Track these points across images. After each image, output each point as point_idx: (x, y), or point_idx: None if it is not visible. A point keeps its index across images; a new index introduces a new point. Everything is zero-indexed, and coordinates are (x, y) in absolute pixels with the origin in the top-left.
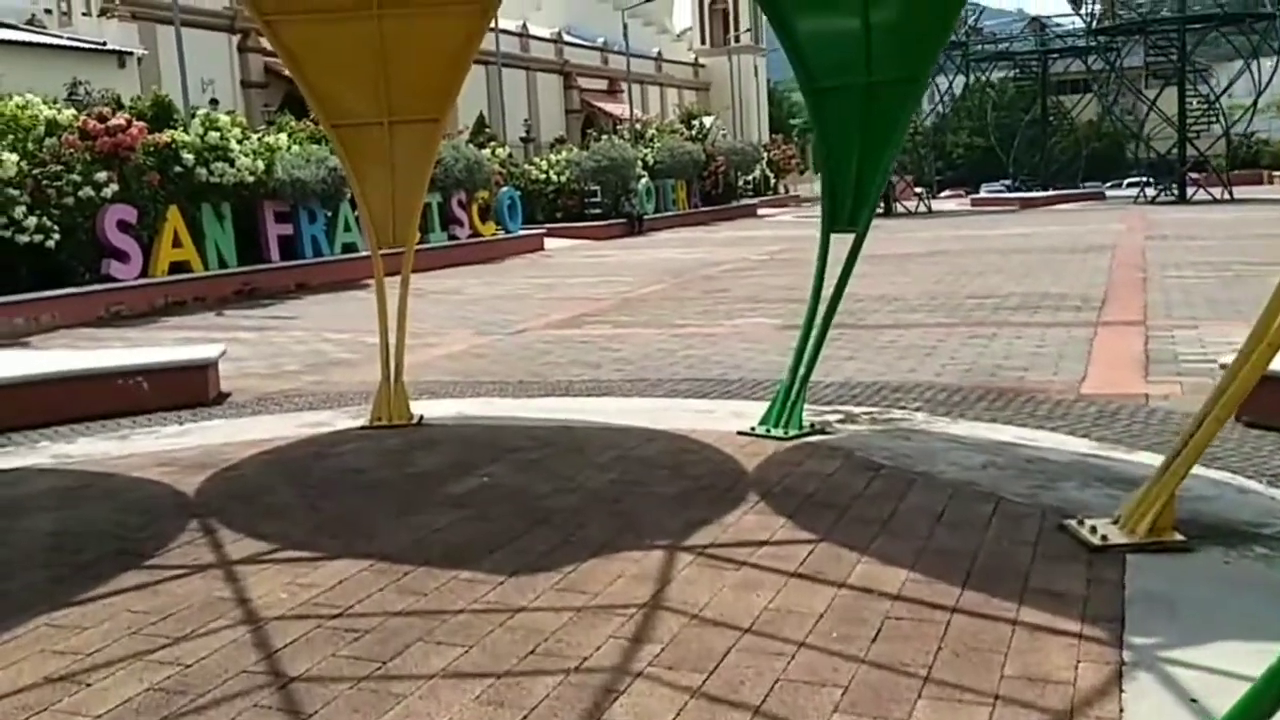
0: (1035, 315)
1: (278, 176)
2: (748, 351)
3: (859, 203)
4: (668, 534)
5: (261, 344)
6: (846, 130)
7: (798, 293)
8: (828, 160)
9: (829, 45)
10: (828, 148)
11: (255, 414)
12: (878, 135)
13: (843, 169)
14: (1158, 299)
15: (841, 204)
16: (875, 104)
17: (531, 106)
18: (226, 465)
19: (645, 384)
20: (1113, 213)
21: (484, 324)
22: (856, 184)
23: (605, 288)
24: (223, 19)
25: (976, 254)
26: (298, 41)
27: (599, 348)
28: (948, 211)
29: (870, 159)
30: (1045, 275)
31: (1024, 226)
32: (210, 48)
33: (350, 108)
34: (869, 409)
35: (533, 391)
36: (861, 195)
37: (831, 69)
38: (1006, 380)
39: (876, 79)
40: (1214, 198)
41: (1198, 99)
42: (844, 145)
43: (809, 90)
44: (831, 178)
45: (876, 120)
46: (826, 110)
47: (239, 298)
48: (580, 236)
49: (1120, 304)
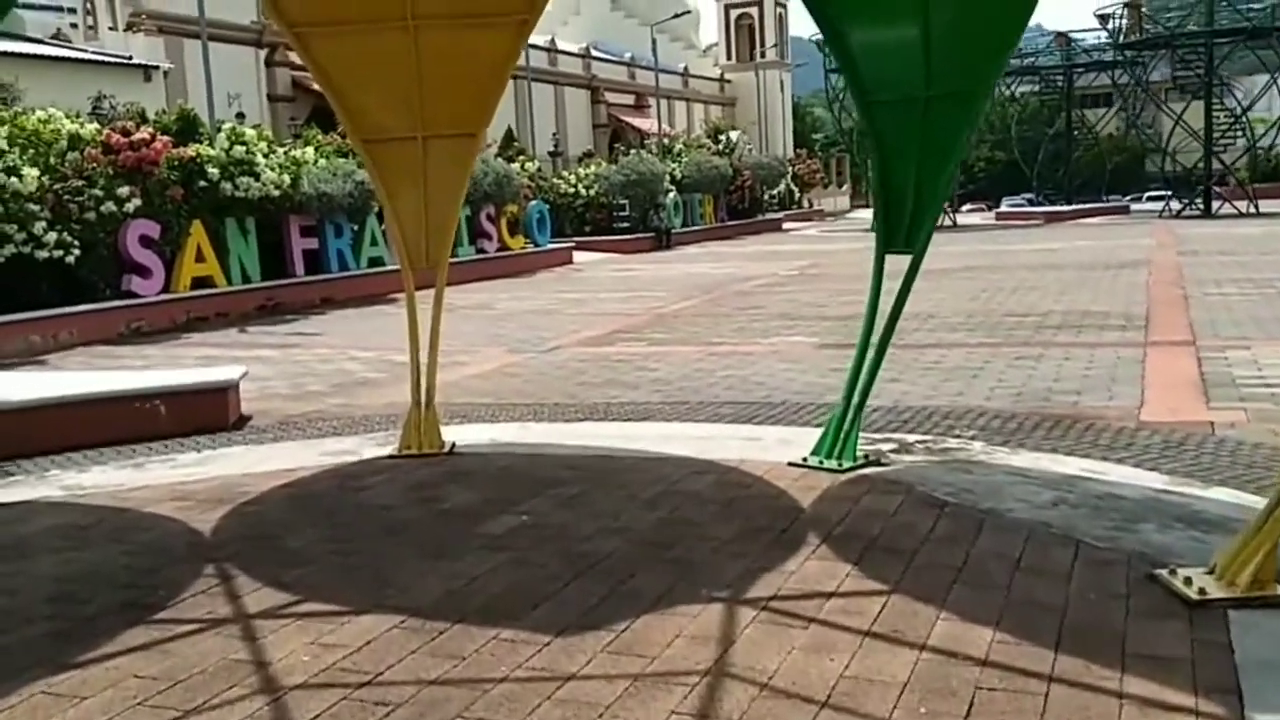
0: (1080, 335)
1: (303, 190)
2: (788, 372)
3: (916, 223)
4: (726, 584)
5: (285, 363)
6: (903, 146)
7: (832, 310)
8: (883, 177)
9: (884, 57)
10: (883, 164)
11: (277, 440)
12: (937, 152)
13: (899, 187)
14: (1203, 317)
15: (898, 223)
16: (934, 119)
17: (559, 121)
18: (246, 499)
19: (686, 407)
20: (1140, 227)
21: (515, 341)
22: (914, 203)
23: (637, 303)
24: (250, 33)
25: (1009, 270)
26: (328, 54)
27: (635, 367)
28: (973, 225)
29: (929, 177)
30: (1083, 292)
31: (1053, 241)
32: (237, 62)
33: (382, 122)
34: (922, 437)
35: (569, 415)
36: (919, 215)
37: (887, 82)
38: (1060, 406)
39: (936, 92)
40: (1240, 211)
41: (1224, 113)
42: (901, 162)
43: (863, 104)
44: (887, 196)
45: (936, 136)
46: (882, 125)
47: (262, 313)
48: (609, 250)
49: (1165, 323)
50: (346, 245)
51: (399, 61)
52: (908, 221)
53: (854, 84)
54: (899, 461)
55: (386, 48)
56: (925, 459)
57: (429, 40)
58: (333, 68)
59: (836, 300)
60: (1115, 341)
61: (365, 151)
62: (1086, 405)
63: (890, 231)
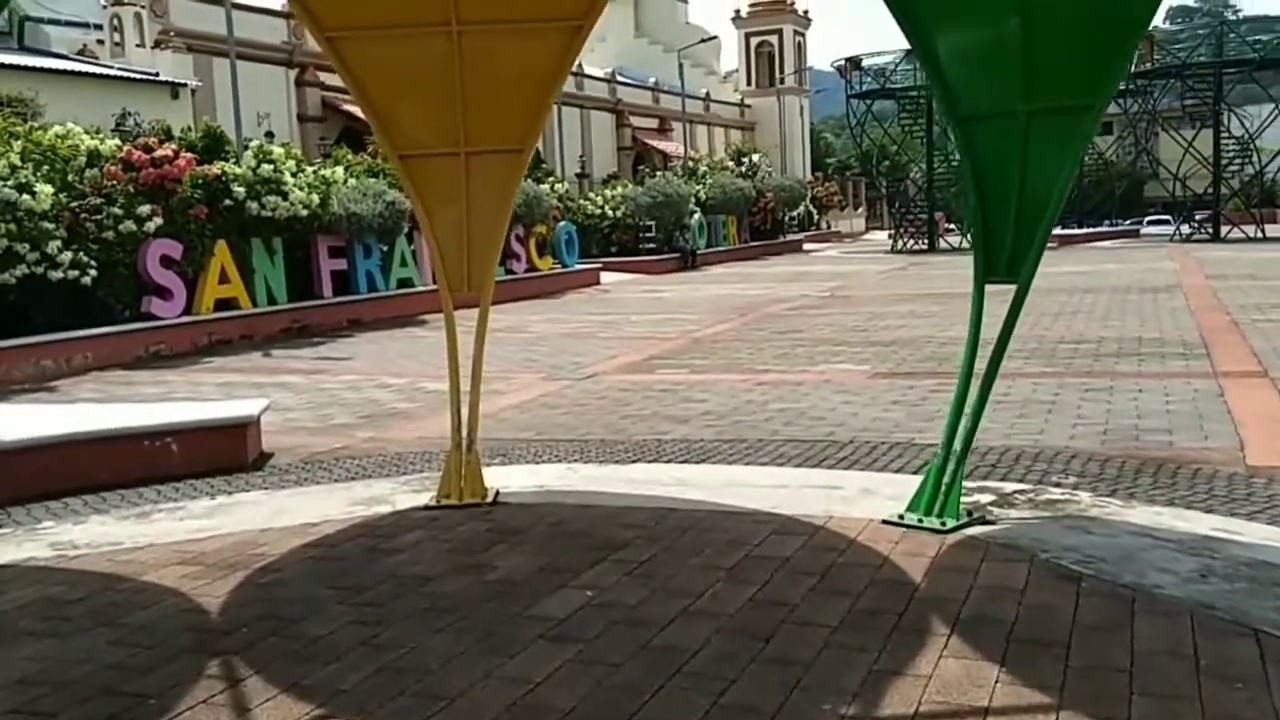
0: (1143, 364)
1: (333, 210)
2: (847, 405)
3: (1020, 250)
4: (849, 694)
5: (310, 390)
6: (1003, 165)
7: (875, 334)
8: (980, 199)
9: (977, 66)
10: (980, 186)
11: (300, 483)
12: (1042, 172)
13: (999, 211)
14: (1263, 346)
15: (998, 250)
16: (1039, 135)
17: (585, 143)
18: (262, 564)
19: (744, 446)
20: (1155, 250)
21: (551, 367)
22: (1016, 227)
23: (671, 326)
24: (280, 53)
25: (1043, 293)
26: (363, 61)
27: (680, 397)
28: None
29: (1034, 199)
30: (1128, 318)
31: (1077, 265)
32: (267, 81)
33: (421, 136)
34: (1019, 485)
35: (618, 454)
36: (1023, 241)
37: (982, 94)
38: (1155, 447)
39: (1039, 107)
40: (1248, 236)
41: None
42: (1001, 183)
43: (954, 118)
44: (985, 219)
45: (1040, 155)
46: (976, 142)
47: (288, 336)
48: (636, 271)
49: (1227, 351)
50: (375, 266)
51: (440, 70)
52: (1009, 248)
53: (943, 98)
54: (1004, 517)
55: (427, 55)
56: (1033, 515)
57: (474, 47)
58: (368, 77)
59: (876, 324)
60: (1183, 372)
61: (402, 168)
62: (1184, 447)
63: (990, 259)
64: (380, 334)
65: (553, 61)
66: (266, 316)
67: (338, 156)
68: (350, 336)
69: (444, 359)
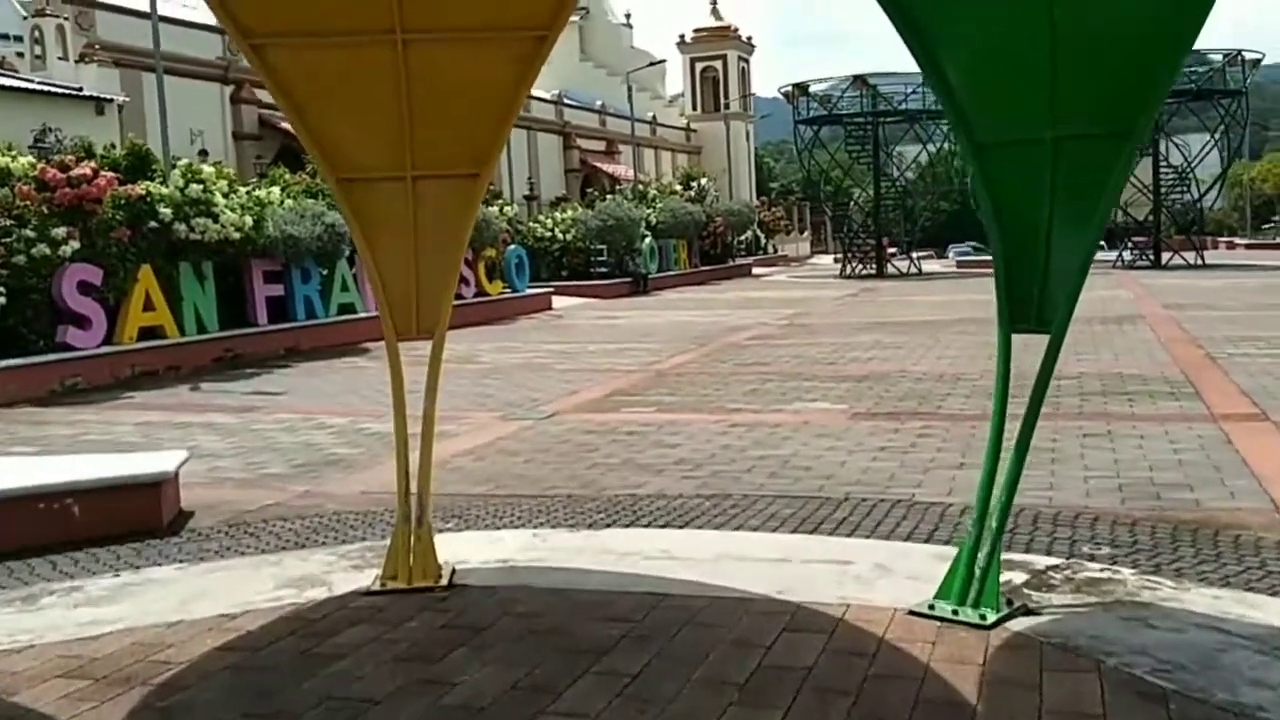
0: (1134, 405)
1: (268, 233)
2: (833, 453)
3: (1049, 295)
4: None
5: (240, 432)
6: (1028, 200)
7: (844, 368)
8: (1002, 237)
9: (997, 86)
10: (1001, 222)
11: (222, 553)
12: (1074, 206)
13: (1025, 250)
14: (1251, 385)
15: (1025, 295)
16: (1069, 165)
17: (533, 165)
18: (166, 677)
19: (729, 504)
20: (1103, 278)
21: (506, 404)
22: (1046, 270)
23: (629, 357)
24: (215, 69)
25: None
26: (294, 73)
27: (650, 441)
28: (939, 273)
29: (1065, 237)
30: (1101, 350)
31: None
32: (201, 98)
33: (362, 158)
34: (1050, 559)
35: (590, 514)
36: (1053, 285)
37: (1001, 118)
38: (1180, 506)
39: (1068, 132)
40: (1188, 263)
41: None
42: (1026, 219)
43: (969, 146)
44: (1008, 261)
45: (1072, 186)
46: (996, 173)
47: (219, 367)
48: (587, 295)
49: (1216, 391)
50: (315, 291)
51: (384, 83)
52: (1038, 293)
53: (957, 122)
54: (1047, 604)
55: (368, 66)
56: (1078, 600)
57: (422, 58)
58: (300, 90)
59: (843, 356)
60: (1179, 415)
61: (341, 194)
62: (1213, 507)
63: (1015, 305)
64: (319, 365)
65: (513, 76)
66: (195, 346)
67: (274, 176)
68: (287, 368)
69: (388, 393)
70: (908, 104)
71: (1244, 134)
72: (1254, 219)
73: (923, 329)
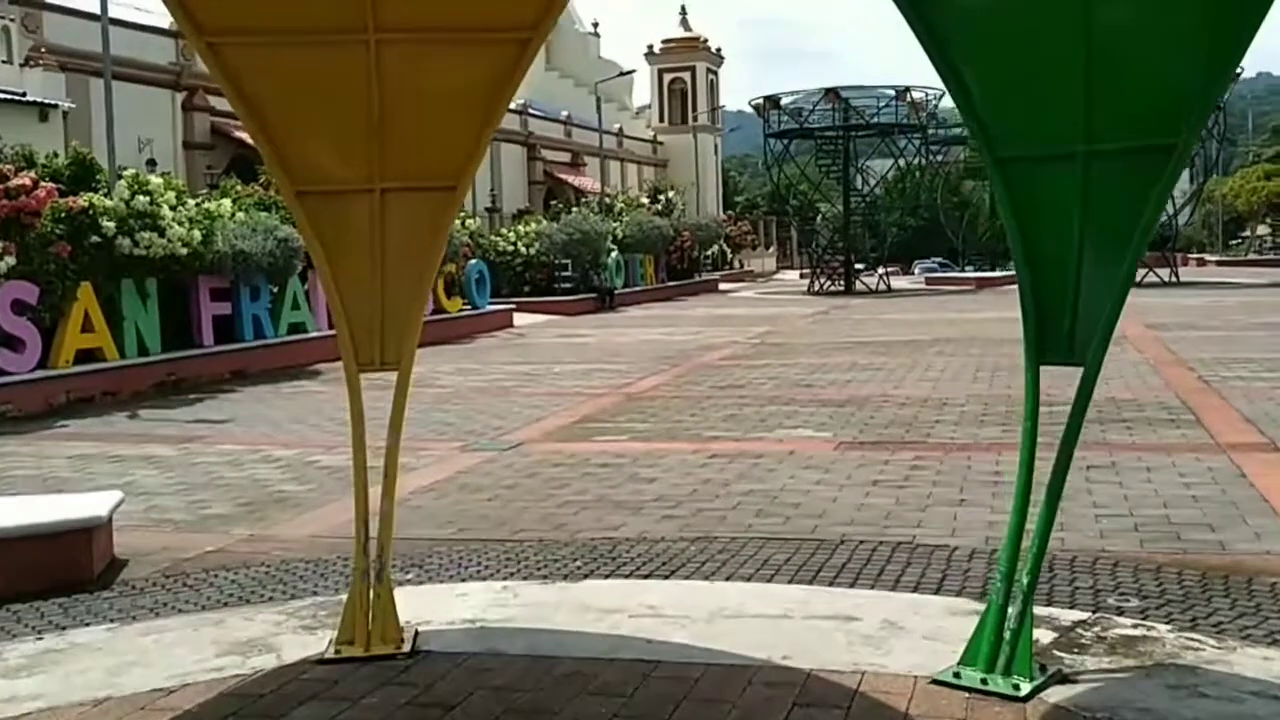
0: (1134, 434)
1: (217, 248)
2: (822, 488)
3: (1080, 324)
4: None
5: (181, 466)
6: (1058, 220)
7: (824, 390)
8: (1028, 259)
9: (1020, 94)
10: (1026, 241)
11: (157, 610)
12: (1111, 227)
13: (1054, 275)
14: (1253, 411)
15: (1054, 323)
16: (1104, 181)
17: (496, 176)
18: None
19: (716, 549)
20: None
21: (468, 433)
22: (1078, 297)
23: (598, 379)
24: (167, 74)
25: (984, 343)
26: (253, 75)
27: (626, 475)
28: (908, 290)
29: (1100, 261)
30: None
31: (1004, 310)
32: (152, 105)
33: (325, 168)
34: (1074, 612)
35: (564, 562)
36: (1088, 314)
37: (1026, 131)
38: (1205, 550)
39: (1104, 146)
40: (1162, 280)
41: None
42: (1053, 239)
43: (992, 160)
44: (1036, 286)
45: (1106, 205)
46: (1021, 190)
47: (161, 392)
48: (551, 311)
49: (1216, 417)
50: (264, 310)
51: (353, 87)
52: (1069, 322)
53: (978, 134)
54: (1079, 667)
55: (336, 68)
56: (1113, 663)
57: (396, 60)
58: (260, 94)
59: (821, 379)
60: (1183, 445)
61: (300, 208)
62: (1239, 549)
63: (1045, 336)
64: (267, 389)
65: (494, 81)
66: (136, 369)
67: (226, 188)
68: (233, 392)
69: (342, 421)
70: (880, 117)
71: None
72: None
73: (901, 349)
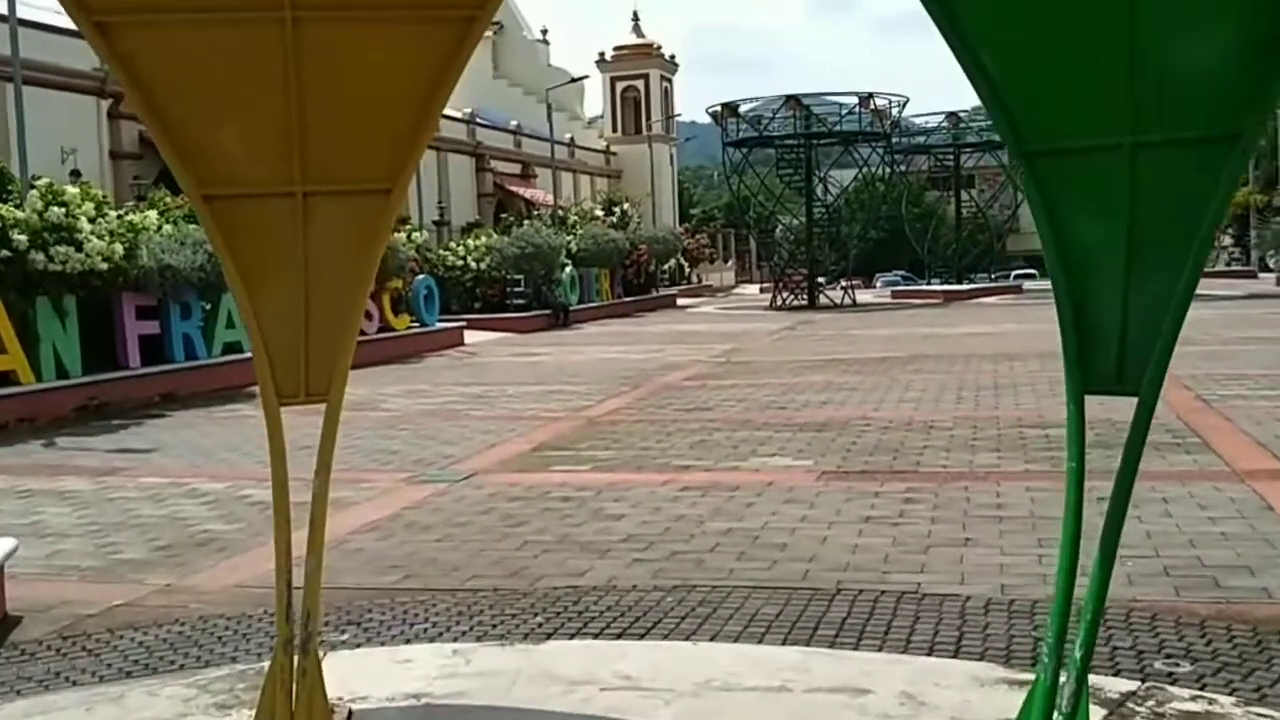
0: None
1: (142, 263)
2: (808, 526)
3: (1132, 345)
4: None
5: (97, 503)
6: (1099, 223)
7: (797, 413)
8: (1066, 268)
9: (1051, 75)
10: (1062, 248)
11: (48, 686)
12: (1165, 231)
13: (1097, 283)
14: (1260, 433)
15: (1100, 348)
16: (1153, 177)
17: (443, 188)
18: None
19: (696, 600)
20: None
21: (416, 462)
22: (1126, 311)
23: (556, 401)
24: (90, 81)
25: (964, 360)
26: (152, 58)
27: (590, 511)
28: (874, 304)
29: (1153, 269)
30: None
31: (976, 324)
32: (75, 112)
33: (237, 168)
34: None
35: (524, 618)
36: (1138, 332)
37: (1060, 118)
38: (1246, 595)
39: (1154, 137)
40: None
41: None
42: (1096, 244)
43: (1020, 154)
44: (1076, 296)
45: (1160, 206)
46: (1054, 187)
47: (82, 417)
48: (503, 329)
49: (1225, 441)
50: (196, 329)
51: (268, 73)
52: (1118, 343)
53: (1004, 124)
54: None
55: (247, 51)
56: None
57: (318, 42)
58: (158, 82)
59: (794, 400)
60: (1197, 473)
61: (208, 214)
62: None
63: (1088, 361)
64: (198, 414)
65: (434, 66)
66: (54, 393)
67: (153, 199)
68: (161, 417)
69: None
70: (842, 126)
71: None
72: None
73: (875, 367)
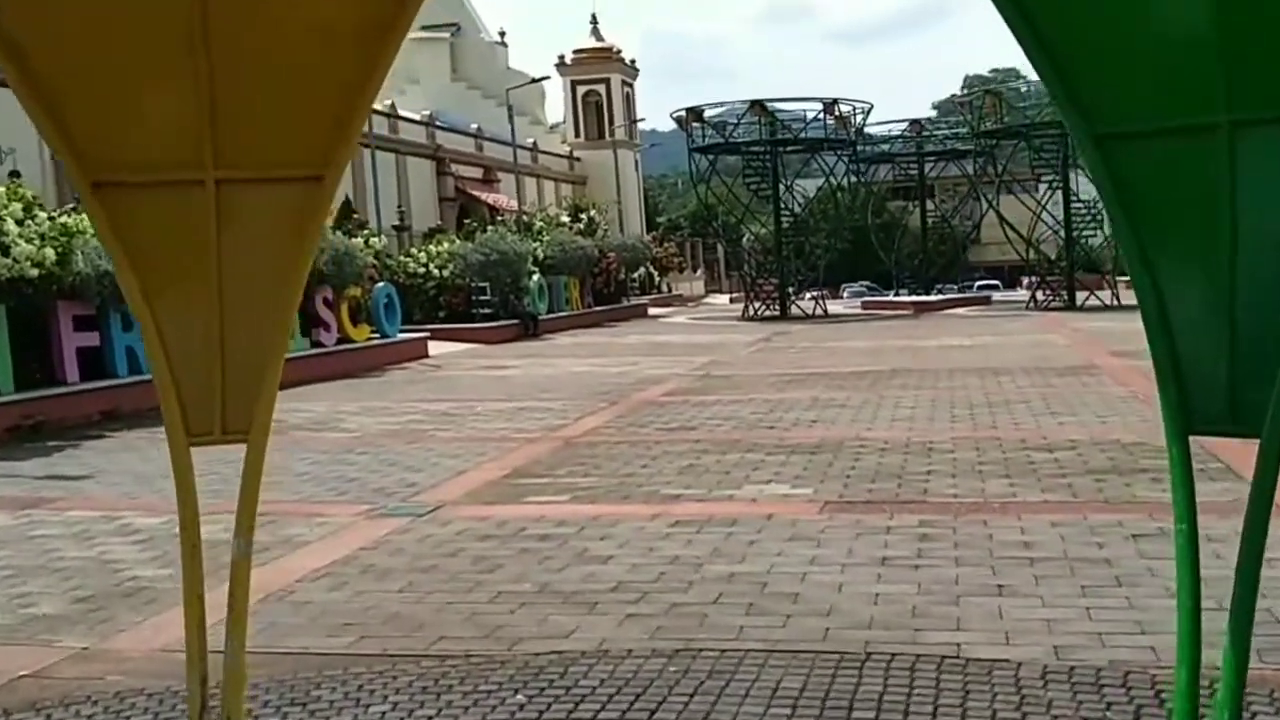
0: (1162, 485)
1: (77, 269)
2: (819, 567)
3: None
4: None
5: (14, 541)
6: (1194, 216)
7: (788, 433)
8: (1152, 277)
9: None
10: (1144, 250)
11: None
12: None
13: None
14: None
15: (1203, 376)
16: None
17: (403, 192)
18: None
19: (703, 670)
20: (1022, 320)
21: (375, 492)
22: (1234, 329)
23: (528, 419)
24: None
25: (947, 374)
26: (29, 23)
27: (572, 552)
28: (846, 315)
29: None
30: (1080, 411)
31: (952, 337)
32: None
33: (134, 150)
34: None
35: (502, 694)
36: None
37: (1139, 96)
38: None
39: (1252, 114)
40: (1103, 303)
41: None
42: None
43: (1089, 138)
44: (1167, 307)
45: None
46: (1133, 177)
47: (16, 438)
48: (469, 339)
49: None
50: (138, 340)
51: (167, 34)
52: (1225, 371)
53: (1069, 105)
54: None
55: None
56: None
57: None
58: (32, 43)
59: (783, 418)
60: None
61: (97, 206)
62: None
63: (1188, 389)
64: (142, 433)
65: (372, 23)
66: None
67: None
68: (100, 438)
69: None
70: (807, 132)
71: None
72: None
73: (859, 382)
